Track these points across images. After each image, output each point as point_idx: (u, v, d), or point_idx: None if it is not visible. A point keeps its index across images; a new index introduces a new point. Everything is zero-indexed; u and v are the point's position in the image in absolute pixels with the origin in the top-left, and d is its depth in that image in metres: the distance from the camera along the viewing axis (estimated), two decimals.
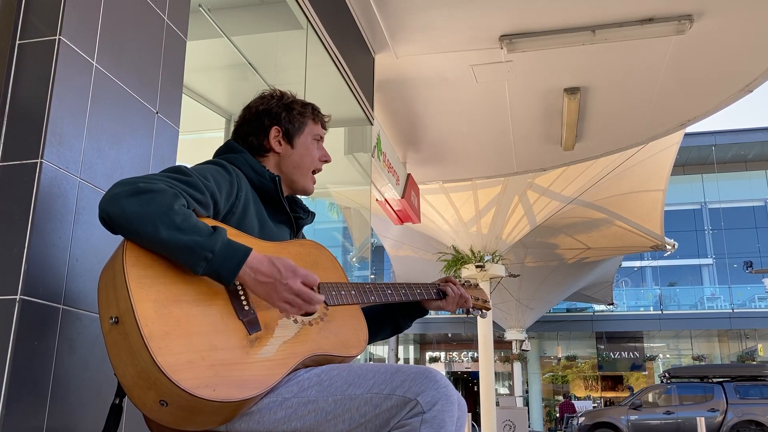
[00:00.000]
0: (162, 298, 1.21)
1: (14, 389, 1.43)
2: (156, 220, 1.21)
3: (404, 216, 7.65)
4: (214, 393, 1.16)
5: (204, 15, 3.77)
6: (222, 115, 4.63)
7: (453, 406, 1.29)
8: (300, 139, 1.68)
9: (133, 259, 1.22)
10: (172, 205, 1.23)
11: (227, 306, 1.30)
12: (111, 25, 1.83)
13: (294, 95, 1.74)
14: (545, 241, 15.27)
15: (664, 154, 12.06)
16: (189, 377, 1.15)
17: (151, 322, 1.16)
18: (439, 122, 6.62)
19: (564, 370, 29.70)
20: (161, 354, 1.13)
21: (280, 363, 1.31)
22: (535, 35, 4.92)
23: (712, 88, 5.87)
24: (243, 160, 1.59)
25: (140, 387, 1.17)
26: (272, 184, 1.58)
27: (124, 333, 1.17)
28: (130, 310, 1.16)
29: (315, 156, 1.70)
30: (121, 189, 1.23)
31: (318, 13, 3.96)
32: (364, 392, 1.29)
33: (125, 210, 1.21)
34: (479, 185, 11.02)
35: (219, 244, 1.25)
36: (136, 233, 1.22)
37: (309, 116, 1.70)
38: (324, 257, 1.59)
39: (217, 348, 1.22)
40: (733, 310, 26.31)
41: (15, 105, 1.62)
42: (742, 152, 28.39)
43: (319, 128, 1.73)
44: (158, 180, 1.27)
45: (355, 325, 1.53)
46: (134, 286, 1.18)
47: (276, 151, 1.65)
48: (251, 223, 1.49)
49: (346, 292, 1.53)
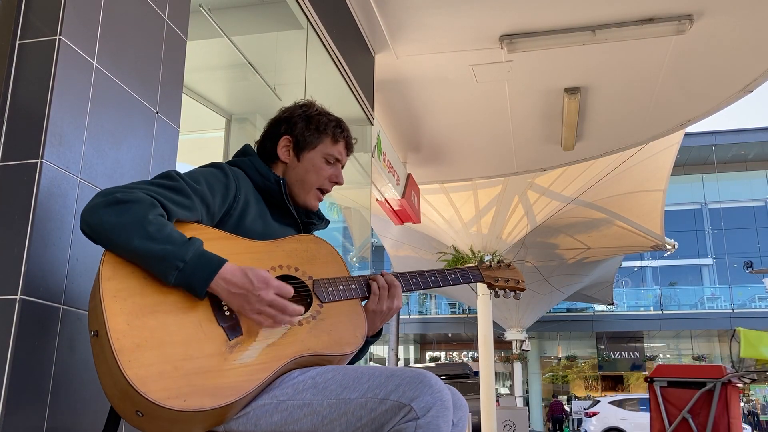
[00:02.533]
0: (137, 310, 1.22)
1: (14, 389, 1.43)
2: (129, 230, 1.22)
3: (404, 216, 7.65)
4: (184, 403, 1.17)
5: (204, 15, 3.77)
6: (222, 115, 4.62)
7: (448, 412, 1.28)
8: (308, 154, 1.62)
9: (110, 273, 1.23)
10: (146, 215, 1.24)
11: (207, 313, 1.29)
12: (111, 25, 1.83)
13: (322, 108, 1.67)
14: (545, 241, 15.26)
15: (664, 154, 12.05)
16: (158, 388, 1.16)
17: (123, 335, 1.18)
18: (439, 122, 6.62)
19: (564, 370, 29.70)
20: (130, 367, 1.15)
21: (261, 367, 1.30)
22: (536, 35, 4.92)
23: (712, 88, 5.87)
24: (249, 162, 1.58)
25: (118, 398, 1.20)
26: (277, 186, 1.57)
27: (101, 346, 1.20)
28: (103, 325, 1.18)
29: (323, 175, 1.63)
30: (100, 200, 1.26)
31: (318, 13, 3.96)
32: (358, 396, 1.28)
33: (102, 220, 1.23)
34: (479, 185, 11.02)
35: (191, 254, 1.25)
36: (112, 243, 1.24)
37: (328, 135, 1.63)
38: (323, 251, 1.55)
39: (192, 357, 1.22)
40: (733, 310, 26.31)
41: (15, 105, 1.62)
42: (742, 152, 28.39)
43: (338, 149, 1.65)
44: (137, 189, 1.29)
45: (353, 321, 1.49)
46: (108, 300, 1.20)
47: (282, 159, 1.63)
48: (252, 225, 1.48)
49: (345, 287, 1.50)
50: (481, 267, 1.75)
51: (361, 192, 5.89)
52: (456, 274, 1.68)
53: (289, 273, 1.46)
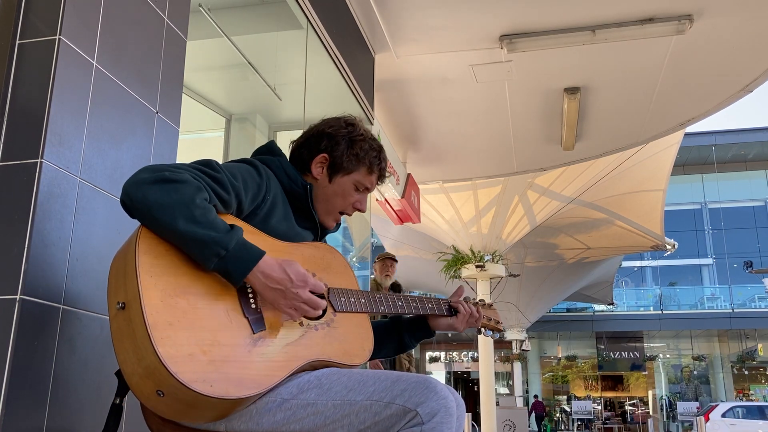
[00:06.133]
0: (170, 289, 1.21)
1: (14, 389, 1.43)
2: (175, 211, 1.21)
3: (404, 216, 7.65)
4: (210, 388, 1.16)
5: (204, 15, 3.77)
6: (222, 115, 4.62)
7: (452, 418, 1.28)
8: (341, 179, 1.60)
9: (146, 247, 1.22)
10: (194, 198, 1.23)
11: (234, 302, 1.29)
12: (111, 25, 1.83)
13: (366, 131, 1.64)
14: (545, 241, 15.26)
15: (664, 154, 12.05)
16: (187, 370, 1.15)
17: (157, 311, 1.16)
18: (439, 122, 6.62)
19: (564, 370, 29.71)
20: (163, 344, 1.14)
21: (281, 365, 1.30)
22: (535, 35, 4.92)
23: (712, 88, 5.87)
24: (279, 163, 1.57)
25: (139, 375, 1.17)
26: (304, 191, 1.56)
27: (128, 319, 1.17)
28: (137, 297, 1.16)
29: (348, 201, 1.62)
30: (147, 175, 1.23)
31: (318, 13, 3.96)
32: (363, 399, 1.29)
33: (147, 197, 1.21)
34: (479, 185, 11.02)
35: (234, 243, 1.25)
36: (154, 221, 1.22)
37: (365, 164, 1.61)
38: (337, 262, 1.57)
39: (219, 344, 1.22)
40: (733, 310, 26.32)
41: (15, 105, 1.62)
42: (742, 152, 28.39)
43: (371, 179, 1.64)
44: (185, 171, 1.27)
45: (361, 335, 1.51)
46: (143, 274, 1.18)
47: (314, 176, 1.61)
48: (277, 226, 1.48)
49: (356, 300, 1.52)
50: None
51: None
52: (433, 304, 1.76)
53: None
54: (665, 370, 29.89)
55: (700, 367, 29.21)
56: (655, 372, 29.50)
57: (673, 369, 29.99)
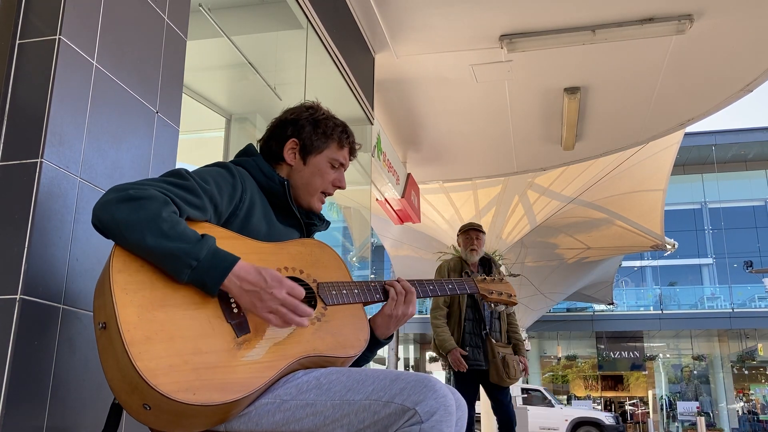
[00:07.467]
0: (147, 303, 1.21)
1: (14, 389, 1.43)
2: (143, 227, 1.22)
3: (404, 216, 7.65)
4: (194, 397, 1.17)
5: (204, 15, 3.77)
6: (222, 115, 4.62)
7: (451, 417, 1.28)
8: (315, 158, 1.63)
9: (120, 265, 1.23)
10: (160, 212, 1.24)
11: (216, 309, 1.30)
12: (111, 25, 1.83)
13: (327, 111, 1.68)
14: (545, 241, 15.26)
15: (664, 154, 12.05)
16: (168, 381, 1.16)
17: (134, 327, 1.17)
18: (439, 122, 6.62)
19: (564, 369, 29.71)
20: (141, 359, 1.15)
21: (268, 366, 1.30)
22: (535, 35, 4.92)
23: (712, 88, 5.87)
24: (254, 163, 1.58)
25: (126, 391, 1.19)
26: (281, 187, 1.57)
27: (109, 338, 1.19)
28: (113, 316, 1.17)
29: (327, 179, 1.64)
30: (113, 195, 1.25)
31: (318, 13, 3.96)
32: (363, 398, 1.28)
33: (114, 216, 1.23)
34: (479, 185, 11.02)
35: (205, 252, 1.25)
36: (124, 240, 1.23)
37: (334, 139, 1.65)
38: (326, 256, 1.57)
39: (201, 351, 1.22)
40: (733, 310, 26.31)
41: (15, 105, 1.62)
42: (742, 152, 28.39)
43: (343, 154, 1.67)
44: (150, 186, 1.28)
45: (356, 325, 1.51)
46: (119, 292, 1.19)
47: (288, 162, 1.64)
48: (257, 226, 1.48)
49: (348, 291, 1.52)
50: (477, 279, 1.84)
51: (361, 192, 5.89)
52: (453, 284, 1.75)
53: (294, 275, 1.47)
54: (665, 370, 29.90)
55: (700, 366, 29.22)
56: (655, 372, 29.51)
57: (673, 369, 30.00)
